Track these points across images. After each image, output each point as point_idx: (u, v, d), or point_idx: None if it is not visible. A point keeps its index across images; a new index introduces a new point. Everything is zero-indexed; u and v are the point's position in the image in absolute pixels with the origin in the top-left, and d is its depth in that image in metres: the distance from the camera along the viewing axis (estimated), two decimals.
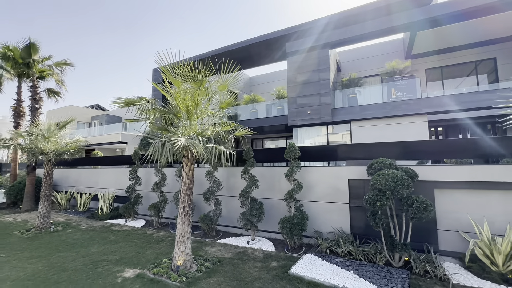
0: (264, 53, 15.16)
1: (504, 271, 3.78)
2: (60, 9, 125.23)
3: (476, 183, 4.64)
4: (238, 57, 15.70)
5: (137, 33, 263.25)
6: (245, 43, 14.73)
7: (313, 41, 12.60)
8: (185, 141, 3.86)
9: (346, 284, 3.76)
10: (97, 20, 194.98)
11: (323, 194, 5.87)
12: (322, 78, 12.31)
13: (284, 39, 13.64)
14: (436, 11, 9.94)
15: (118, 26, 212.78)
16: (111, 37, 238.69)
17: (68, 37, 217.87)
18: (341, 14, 12.05)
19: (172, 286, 3.83)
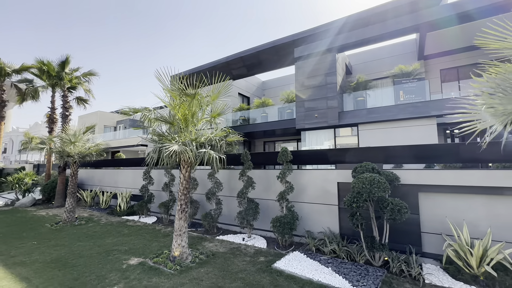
0: (273, 59, 15.57)
1: (478, 273, 3.89)
2: (90, 19, 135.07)
3: (460, 187, 4.73)
4: (249, 64, 16.32)
5: (161, 41, 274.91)
6: (254, 50, 15.25)
7: (319, 46, 12.83)
8: (178, 147, 4.43)
9: (321, 279, 4.09)
10: (124, 29, 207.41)
11: (314, 196, 6.19)
12: (329, 82, 12.47)
13: (292, 44, 13.98)
14: (445, 12, 9.80)
15: (144, 34, 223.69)
16: (137, 44, 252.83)
17: (99, 45, 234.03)
18: (347, 18, 12.17)
19: (166, 273, 4.40)
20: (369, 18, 11.77)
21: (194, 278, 4.21)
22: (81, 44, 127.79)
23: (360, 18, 11.94)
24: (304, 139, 13.63)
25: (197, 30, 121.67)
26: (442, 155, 4.97)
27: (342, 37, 12.19)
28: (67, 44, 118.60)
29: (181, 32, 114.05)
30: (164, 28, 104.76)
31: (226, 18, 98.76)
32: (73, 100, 13.87)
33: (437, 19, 10.02)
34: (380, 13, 11.53)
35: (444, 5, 10.53)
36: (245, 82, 19.12)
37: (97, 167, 13.67)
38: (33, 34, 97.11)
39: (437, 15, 10.14)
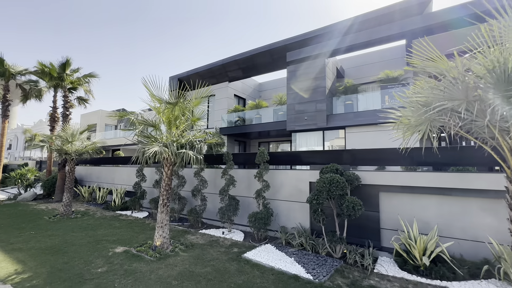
0: (267, 62, 16.09)
1: (420, 264, 4.36)
2: (99, 22, 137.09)
3: (415, 188, 5.19)
4: (244, 66, 16.84)
5: (169, 42, 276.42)
6: (249, 53, 15.78)
7: (310, 51, 13.30)
8: (158, 148, 4.96)
9: (281, 267, 4.60)
10: (133, 31, 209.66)
11: (289, 194, 6.69)
12: (318, 86, 12.94)
13: (284, 49, 14.48)
14: (427, 21, 10.22)
15: (152, 36, 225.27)
16: (145, 46, 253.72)
17: (108, 46, 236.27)
18: (336, 25, 12.67)
19: (146, 259, 4.94)
20: (357, 25, 12.25)
21: (169, 264, 4.74)
22: (91, 45, 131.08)
23: (349, 25, 12.43)
24: (294, 140, 14.13)
25: (207, 31, 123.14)
26: (396, 158, 5.42)
27: (331, 43, 12.66)
28: (78, 45, 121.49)
29: (190, 34, 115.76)
30: (172, 30, 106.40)
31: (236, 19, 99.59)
32: (74, 100, 14.52)
33: (420, 27, 10.44)
34: (368, 20, 12.01)
35: (427, 14, 10.97)
36: (241, 84, 19.62)
37: (95, 164, 14.30)
38: (48, 34, 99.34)
39: (420, 24, 10.57)
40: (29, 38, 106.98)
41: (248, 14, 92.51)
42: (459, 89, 2.55)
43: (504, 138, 2.53)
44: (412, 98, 2.97)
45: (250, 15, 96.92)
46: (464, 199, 4.74)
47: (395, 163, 5.89)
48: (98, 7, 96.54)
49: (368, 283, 4.05)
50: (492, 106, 2.36)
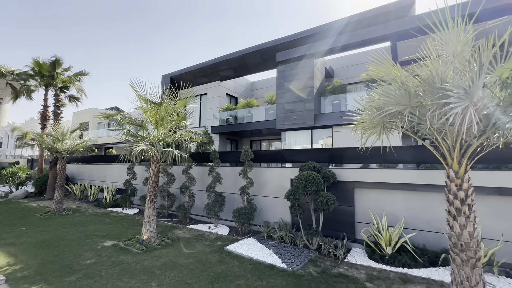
0: (258, 62, 16.33)
1: (386, 253, 4.75)
2: (93, 20, 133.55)
3: (385, 184, 5.57)
4: (235, 66, 17.08)
5: (167, 39, 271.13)
6: (240, 53, 16.02)
7: (299, 51, 13.61)
8: (144, 147, 5.23)
9: (260, 257, 4.94)
10: (132, 29, 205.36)
11: (272, 190, 7.03)
12: (307, 85, 13.29)
13: (274, 49, 14.75)
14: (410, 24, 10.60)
15: (150, 33, 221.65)
16: (141, 44, 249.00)
17: (96, 45, 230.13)
18: (323, 26, 13.00)
19: (133, 252, 5.23)
20: (343, 27, 12.59)
21: (155, 256, 5.04)
22: (91, 42, 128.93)
23: (336, 27, 12.77)
24: (284, 139, 14.48)
25: (207, 29, 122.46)
26: (368, 157, 5.79)
27: (319, 44, 12.98)
28: (77, 42, 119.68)
29: (188, 31, 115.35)
30: (171, 27, 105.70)
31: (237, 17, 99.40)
32: (65, 98, 14.60)
33: (402, 30, 10.83)
34: (354, 23, 12.36)
35: (410, 17, 11.37)
36: (233, 83, 19.84)
37: (87, 162, 14.43)
38: (47, 32, 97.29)
39: (403, 27, 10.96)
40: (27, 35, 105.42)
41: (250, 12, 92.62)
42: (404, 96, 2.89)
43: (443, 139, 2.89)
44: (368, 103, 3.31)
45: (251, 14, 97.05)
46: (428, 194, 5.14)
47: (368, 161, 6.26)
48: (98, 5, 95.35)
49: (337, 271, 4.41)
50: (431, 111, 2.71)
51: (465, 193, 2.79)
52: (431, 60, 2.74)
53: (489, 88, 2.45)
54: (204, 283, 3.95)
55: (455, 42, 2.65)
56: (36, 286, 3.81)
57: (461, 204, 2.78)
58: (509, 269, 4.26)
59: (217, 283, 3.95)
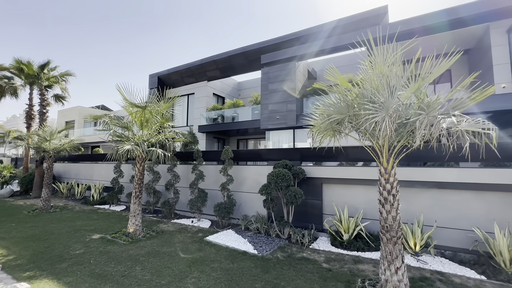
0: (243, 63, 16.87)
1: (344, 240, 5.45)
2: (76, 19, 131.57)
3: (349, 179, 6.28)
4: (221, 67, 17.54)
5: (157, 39, 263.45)
6: (226, 54, 16.51)
7: (282, 54, 14.24)
8: (130, 147, 5.71)
9: (234, 246, 5.54)
10: (112, 29, 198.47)
11: (251, 186, 7.63)
12: (289, 87, 13.93)
13: (259, 51, 15.34)
14: (383, 31, 11.39)
15: (140, 33, 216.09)
16: (126, 44, 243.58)
17: (84, 45, 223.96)
18: (305, 31, 13.68)
19: (120, 243, 5.71)
20: (323, 32, 13.32)
21: (140, 246, 5.55)
22: (80, 42, 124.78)
23: (316, 32, 13.48)
24: (268, 138, 15.11)
25: (194, 28, 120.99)
26: (334, 155, 6.47)
27: (300, 48, 13.65)
28: (64, 41, 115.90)
29: (177, 31, 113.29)
30: (162, 27, 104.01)
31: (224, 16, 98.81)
32: (51, 98, 14.66)
33: (376, 37, 11.61)
34: (333, 28, 13.11)
35: (385, 24, 12.18)
36: (220, 83, 20.27)
37: (74, 161, 14.59)
38: (35, 30, 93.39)
39: (375, 34, 11.72)
40: (13, 34, 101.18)
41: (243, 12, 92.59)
42: (343, 106, 3.53)
43: (376, 141, 3.54)
44: (320, 110, 3.96)
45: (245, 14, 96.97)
46: None
47: (331, 159, 6.96)
48: (86, 4, 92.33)
49: (301, 255, 5.07)
50: (363, 119, 3.35)
51: (391, 186, 3.47)
52: (361, 78, 3.39)
53: (401, 101, 3.12)
54: (183, 266, 4.51)
55: (380, 65, 3.31)
56: (30, 272, 4.26)
57: (388, 194, 3.47)
58: (444, 251, 5.04)
59: (195, 266, 4.52)
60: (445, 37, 10.72)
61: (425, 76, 3.21)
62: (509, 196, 4.85)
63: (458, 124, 3.02)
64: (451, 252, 4.96)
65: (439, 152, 3.86)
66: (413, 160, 6.23)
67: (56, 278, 4.04)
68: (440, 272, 4.31)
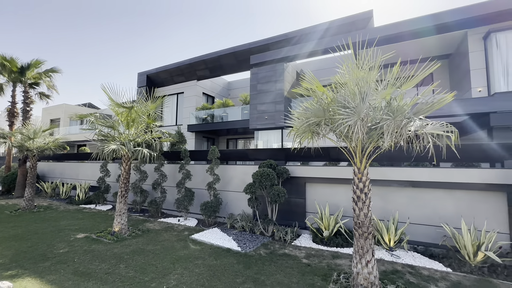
0: (233, 63, 16.98)
1: (325, 237, 5.68)
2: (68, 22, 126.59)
3: (330, 179, 6.52)
4: (211, 66, 17.59)
5: (143, 39, 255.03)
6: (216, 54, 16.59)
7: (271, 55, 14.42)
8: (115, 146, 5.75)
9: (219, 243, 5.68)
10: (104, 30, 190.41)
11: (237, 185, 7.78)
12: (278, 88, 14.13)
13: (249, 52, 15.49)
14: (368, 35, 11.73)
15: (134, 31, 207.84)
16: (119, 44, 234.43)
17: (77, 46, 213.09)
18: (293, 33, 13.93)
19: (105, 242, 5.75)
20: (311, 35, 13.60)
21: (125, 244, 5.61)
22: (77, 41, 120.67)
23: (304, 34, 13.75)
24: (257, 138, 15.27)
25: (189, 28, 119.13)
26: (318, 156, 6.71)
27: (289, 49, 13.88)
28: (61, 40, 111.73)
29: (171, 30, 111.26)
30: (157, 26, 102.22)
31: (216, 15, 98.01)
32: (35, 95, 14.33)
33: (361, 40, 11.95)
34: (320, 31, 13.40)
35: (369, 29, 12.56)
36: (210, 82, 20.28)
37: (59, 160, 14.32)
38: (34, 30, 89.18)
39: (362, 37, 12.09)
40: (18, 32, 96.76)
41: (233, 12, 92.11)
42: (320, 110, 3.73)
43: (350, 143, 3.77)
44: (299, 113, 4.16)
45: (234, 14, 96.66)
46: None
47: (314, 159, 7.20)
48: (84, 2, 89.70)
49: (282, 252, 5.26)
50: (337, 123, 3.56)
51: (363, 184, 3.71)
52: (336, 83, 3.60)
53: (372, 106, 3.34)
54: (167, 263, 4.62)
55: (356, 71, 3.53)
56: (12, 271, 4.26)
57: (360, 193, 3.70)
58: (417, 246, 5.35)
59: (178, 263, 4.63)
60: (427, 42, 11.17)
61: (395, 83, 3.45)
62: (476, 194, 5.20)
63: (424, 127, 3.27)
64: (423, 247, 5.27)
65: (409, 153, 4.13)
66: (386, 160, 6.52)
67: (39, 277, 4.07)
68: (411, 265, 4.60)
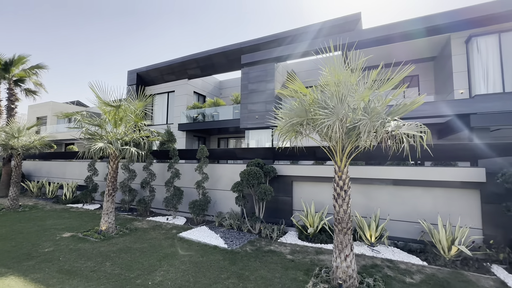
0: (224, 62, 17.02)
1: (310, 234, 5.85)
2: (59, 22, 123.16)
3: (316, 177, 6.69)
4: (202, 65, 17.57)
5: (136, 38, 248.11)
6: (207, 53, 16.60)
7: (261, 55, 14.53)
8: (103, 145, 5.74)
9: (206, 241, 5.76)
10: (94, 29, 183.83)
11: (226, 184, 7.86)
12: (268, 88, 14.25)
13: (240, 51, 15.57)
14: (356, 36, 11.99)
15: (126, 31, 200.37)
16: (110, 43, 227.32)
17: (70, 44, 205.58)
18: (284, 33, 14.09)
19: (91, 241, 5.75)
20: (301, 36, 13.79)
21: (112, 243, 5.62)
22: (72, 40, 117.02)
23: (294, 35, 13.92)
24: (247, 137, 15.36)
25: (183, 27, 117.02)
26: (304, 155, 6.87)
27: (279, 50, 14.02)
28: (59, 38, 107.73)
29: (164, 29, 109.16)
30: (150, 25, 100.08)
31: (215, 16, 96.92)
32: (21, 92, 14.00)
33: (350, 42, 12.20)
34: (310, 32, 13.60)
35: (357, 31, 12.83)
36: (201, 81, 20.23)
37: (45, 159, 14.05)
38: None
39: (351, 39, 12.34)
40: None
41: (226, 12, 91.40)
42: (302, 110, 3.87)
43: (330, 142, 3.92)
44: (282, 113, 4.29)
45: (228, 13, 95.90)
46: None
47: (300, 158, 7.38)
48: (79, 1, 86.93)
49: (268, 248, 5.39)
50: (319, 122, 3.70)
51: (343, 182, 3.87)
52: (316, 86, 3.75)
53: (351, 108, 3.50)
54: (154, 261, 4.67)
55: (336, 74, 3.68)
56: None
57: (340, 190, 3.85)
58: (397, 241, 5.58)
59: (165, 260, 4.70)
60: (413, 45, 11.50)
61: (372, 85, 3.62)
62: (452, 192, 5.46)
63: (400, 127, 3.45)
64: (403, 242, 5.50)
65: (387, 152, 4.32)
66: (366, 159, 6.74)
67: (23, 275, 4.06)
68: (390, 260, 4.81)
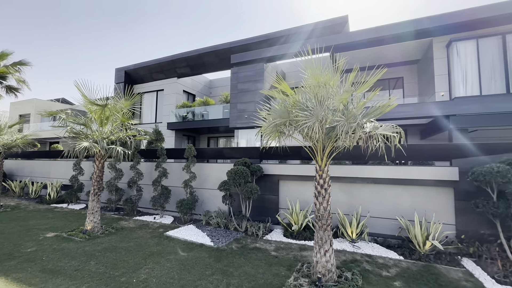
0: (214, 62, 17.03)
1: (294, 231, 6.01)
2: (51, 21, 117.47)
3: (301, 176, 6.87)
4: (192, 64, 17.52)
5: (127, 36, 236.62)
6: (197, 52, 16.56)
7: (251, 55, 14.62)
8: (88, 144, 5.71)
9: (193, 239, 5.83)
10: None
11: (213, 183, 7.93)
12: (257, 88, 14.36)
13: (229, 51, 15.61)
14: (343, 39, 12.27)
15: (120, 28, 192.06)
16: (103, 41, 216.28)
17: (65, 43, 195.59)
18: (272, 34, 14.24)
19: (76, 240, 5.71)
20: (289, 37, 13.99)
21: (97, 242, 5.61)
22: (63, 38, 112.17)
23: (283, 35, 14.10)
24: (237, 137, 15.44)
25: (176, 26, 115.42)
26: (288, 154, 7.05)
27: (268, 50, 14.16)
28: (53, 38, 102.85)
29: (156, 28, 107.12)
30: (142, 23, 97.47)
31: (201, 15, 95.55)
32: (2, 89, 13.55)
33: (338, 44, 12.47)
34: (298, 34, 13.81)
35: (344, 33, 13.12)
36: (191, 80, 20.12)
37: (28, 158, 13.68)
38: None
39: (338, 41, 12.61)
40: None
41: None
42: (284, 112, 4.02)
43: (313, 142, 4.08)
44: (267, 113, 4.42)
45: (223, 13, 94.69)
46: None
47: (287, 158, 7.55)
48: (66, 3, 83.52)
49: (253, 246, 5.52)
50: (300, 123, 3.85)
51: (324, 181, 4.03)
52: (297, 89, 3.89)
53: (329, 109, 3.67)
54: (139, 259, 4.71)
55: (318, 76, 3.84)
56: None
57: (321, 188, 4.02)
58: (377, 237, 5.82)
59: (150, 258, 4.75)
60: (397, 48, 11.87)
61: (349, 88, 3.80)
62: (429, 190, 5.74)
63: (377, 128, 3.64)
64: (382, 238, 5.75)
65: (366, 152, 4.52)
66: (346, 159, 6.97)
67: (4, 275, 4.03)
68: (369, 255, 5.03)
